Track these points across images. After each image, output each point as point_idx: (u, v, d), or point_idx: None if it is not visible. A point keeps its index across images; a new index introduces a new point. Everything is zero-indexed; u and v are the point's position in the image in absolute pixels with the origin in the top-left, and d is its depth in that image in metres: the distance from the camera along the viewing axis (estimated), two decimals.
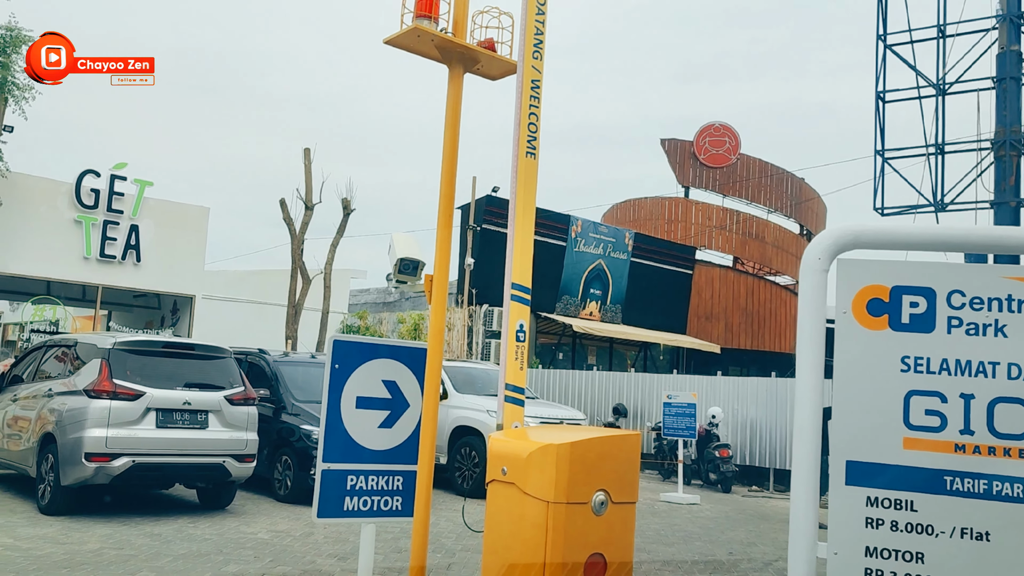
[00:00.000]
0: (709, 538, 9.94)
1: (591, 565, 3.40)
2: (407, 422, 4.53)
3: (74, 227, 14.63)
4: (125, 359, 9.25)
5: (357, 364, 4.39)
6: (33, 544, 7.34)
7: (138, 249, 15.23)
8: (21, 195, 14.02)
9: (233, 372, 10.00)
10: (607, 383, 18.42)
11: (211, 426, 9.41)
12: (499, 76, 4.59)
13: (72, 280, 14.90)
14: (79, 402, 8.93)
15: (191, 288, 16.04)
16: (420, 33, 4.11)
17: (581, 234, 23.68)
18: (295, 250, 17.67)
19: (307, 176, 17.83)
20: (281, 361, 12.23)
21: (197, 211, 16.28)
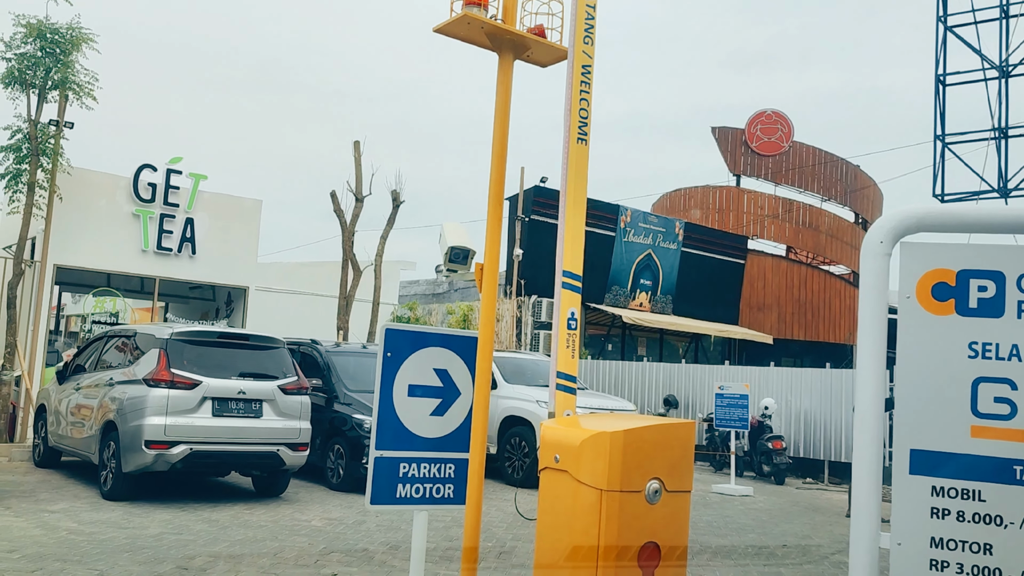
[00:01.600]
0: (763, 530, 9.82)
1: (645, 552, 3.37)
2: (458, 410, 4.54)
3: (132, 221, 14.95)
4: (182, 349, 9.46)
5: (409, 352, 4.41)
6: (97, 529, 7.55)
7: (193, 242, 15.51)
8: (82, 190, 14.37)
9: (287, 362, 10.16)
10: (658, 374, 18.29)
11: (265, 415, 9.57)
12: (549, 63, 4.55)
13: (131, 272, 15.24)
14: (139, 391, 9.15)
15: (244, 280, 16.29)
16: (470, 20, 4.09)
17: (630, 224, 23.50)
18: (346, 242, 17.84)
19: (357, 168, 17.98)
20: (333, 351, 12.38)
21: (250, 204, 16.52)
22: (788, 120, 29.88)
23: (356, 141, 18.06)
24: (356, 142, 18.05)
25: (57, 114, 13.66)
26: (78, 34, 13.27)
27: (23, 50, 13.00)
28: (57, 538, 7.07)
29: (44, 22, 13.04)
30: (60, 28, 13.15)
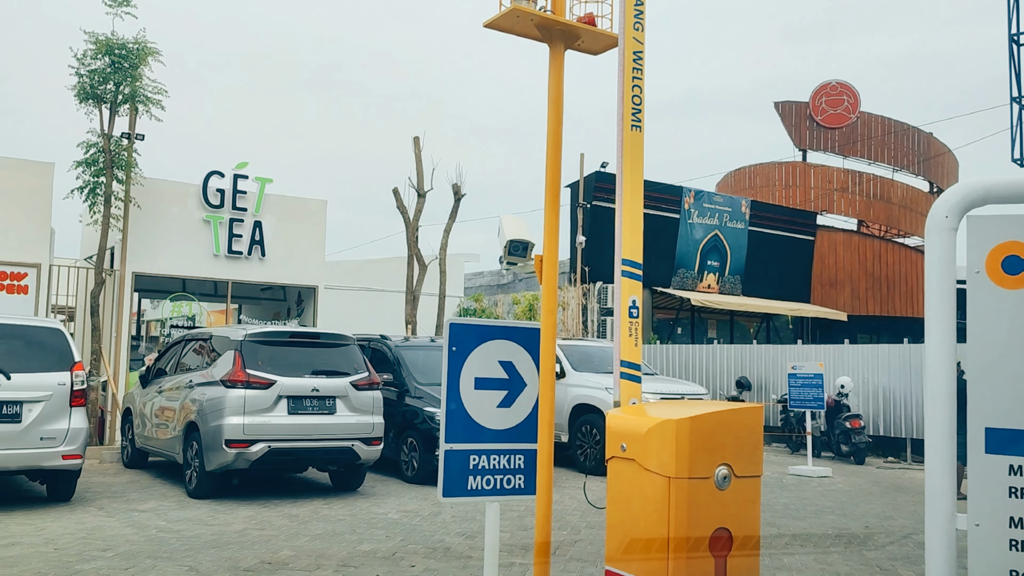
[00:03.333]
0: (843, 511, 9.63)
1: (716, 539, 3.35)
2: (525, 401, 4.57)
3: (203, 226, 15.38)
4: (256, 349, 9.71)
5: (474, 346, 4.46)
6: (184, 526, 7.84)
7: (262, 244, 15.89)
8: (155, 199, 14.85)
9: (357, 358, 10.34)
10: (729, 356, 18.05)
11: (339, 411, 9.77)
12: (601, 51, 4.53)
13: (204, 277, 15.69)
14: (217, 392, 9.44)
15: (313, 279, 16.62)
16: (519, 13, 4.10)
17: (694, 205, 23.20)
18: (410, 237, 18.06)
19: (418, 164, 18.16)
20: (402, 346, 12.55)
21: (315, 204, 16.83)
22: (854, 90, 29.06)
23: (415, 137, 18.25)
24: (415, 138, 18.23)
25: (128, 127, 14.14)
26: (144, 48, 13.68)
27: (94, 66, 13.47)
28: (147, 536, 7.36)
29: (112, 38, 13.49)
30: (127, 43, 13.59)
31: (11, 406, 8.35)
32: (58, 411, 8.61)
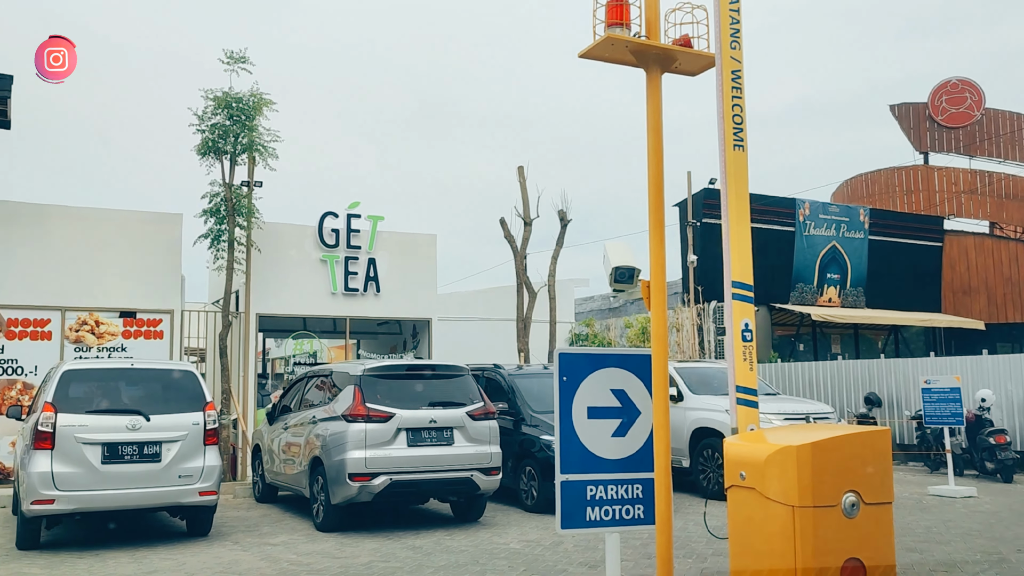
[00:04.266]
0: (991, 534, 9.00)
1: (848, 570, 3.19)
2: (640, 430, 4.50)
3: (320, 266, 15.93)
4: (375, 384, 9.94)
5: (584, 375, 4.43)
6: (313, 559, 8.06)
7: (377, 280, 16.32)
8: (274, 242, 15.51)
9: (472, 388, 10.45)
10: (855, 372, 17.28)
11: (457, 442, 9.87)
12: (699, 71, 4.46)
13: (323, 314, 16.24)
14: (339, 427, 9.70)
15: (427, 312, 16.95)
16: (614, 42, 4.08)
17: (810, 217, 22.45)
18: (518, 265, 18.20)
19: (523, 193, 18.34)
20: (516, 374, 12.60)
21: (426, 239, 17.19)
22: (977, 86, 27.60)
23: (519, 167, 18.43)
24: (519, 167, 18.42)
25: (247, 175, 14.86)
26: (259, 100, 14.39)
27: (214, 121, 14.25)
28: (279, 569, 7.60)
29: (229, 93, 14.25)
30: (243, 96, 14.32)
31: (151, 446, 8.82)
32: (194, 450, 9.04)
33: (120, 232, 14.38)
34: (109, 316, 14.12)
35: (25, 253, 13.67)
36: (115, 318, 14.16)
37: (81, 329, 13.87)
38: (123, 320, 14.21)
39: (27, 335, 13.56)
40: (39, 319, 13.65)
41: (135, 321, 14.29)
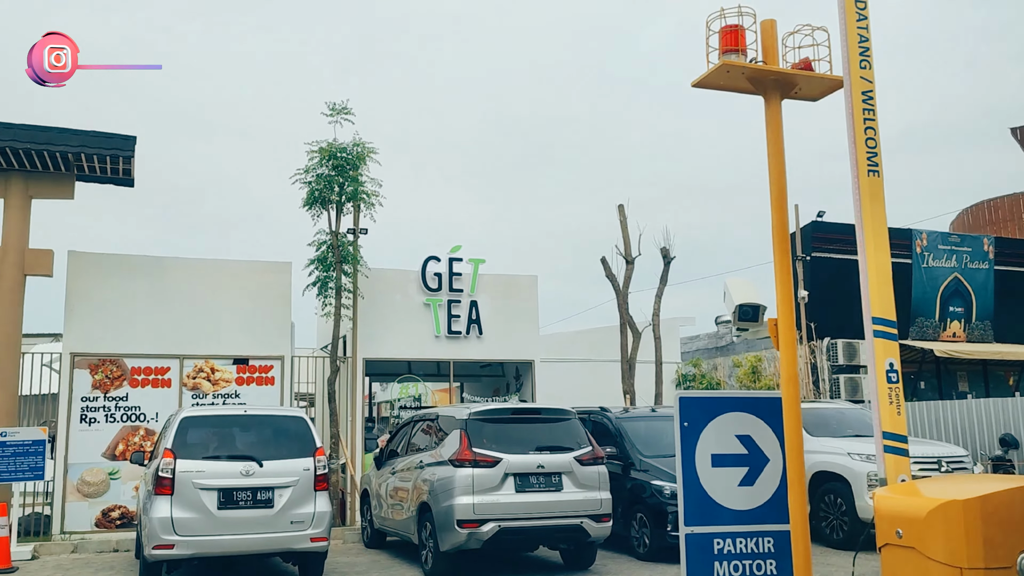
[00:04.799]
0: None
1: None
2: (769, 478, 4.21)
3: (424, 310, 16.05)
4: (481, 428, 9.82)
5: (707, 420, 4.18)
6: None
7: (479, 323, 16.33)
8: (379, 287, 15.74)
9: (579, 432, 10.21)
10: (987, 411, 16.15)
11: (565, 488, 9.62)
12: (820, 96, 4.21)
13: (428, 358, 16.32)
14: (446, 472, 9.61)
15: (529, 353, 16.82)
16: (729, 69, 3.90)
17: (928, 248, 21.38)
18: (621, 305, 17.90)
19: (624, 231, 18.11)
20: (623, 417, 12.29)
21: (527, 280, 17.13)
22: None
23: (620, 205, 18.25)
24: (620, 206, 18.23)
25: (352, 223, 15.18)
26: (362, 150, 14.73)
27: (319, 172, 14.64)
28: None
29: (333, 144, 14.63)
30: (346, 146, 14.69)
31: (264, 492, 8.92)
32: (305, 495, 9.09)
33: (233, 282, 14.86)
34: (224, 363, 14.54)
35: (146, 304, 14.26)
36: (229, 365, 14.57)
37: (198, 376, 14.32)
38: (236, 367, 14.60)
39: (148, 383, 14.08)
40: (159, 367, 14.17)
41: (248, 368, 14.67)
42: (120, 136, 13.47)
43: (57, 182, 13.76)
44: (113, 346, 13.97)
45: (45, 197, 13.73)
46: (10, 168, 13.40)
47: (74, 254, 14.14)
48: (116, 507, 13.47)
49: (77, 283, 13.99)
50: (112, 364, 13.94)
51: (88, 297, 13.98)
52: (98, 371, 13.85)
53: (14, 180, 13.44)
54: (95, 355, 13.89)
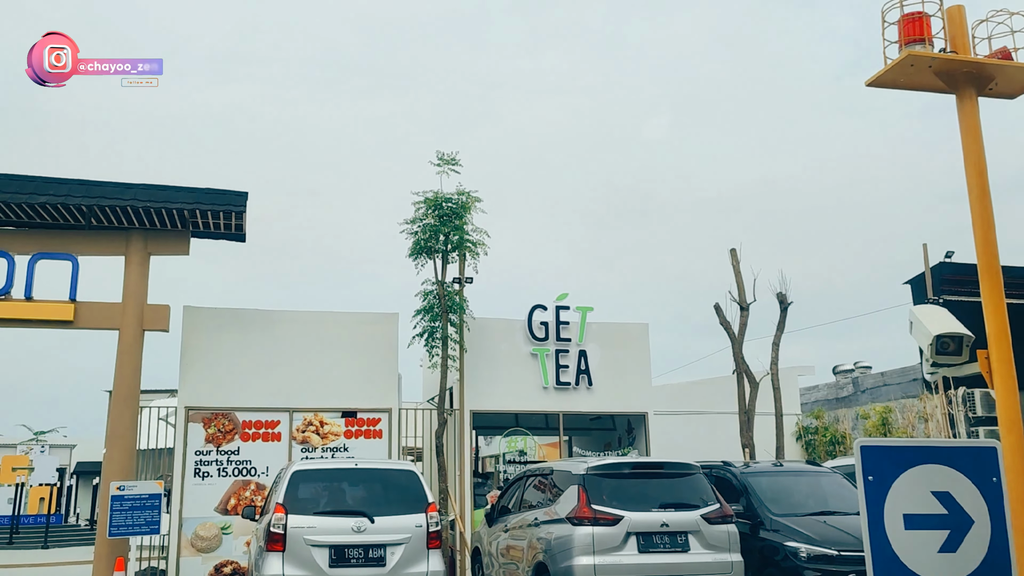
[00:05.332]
0: None
1: None
2: (975, 543, 3.55)
3: (531, 360, 15.65)
4: (600, 483, 9.25)
5: (896, 473, 3.57)
6: None
7: (589, 373, 15.80)
8: (485, 337, 15.44)
9: (705, 488, 9.51)
10: None
11: (692, 549, 8.92)
12: (1019, 92, 3.63)
13: (535, 410, 15.85)
14: (564, 530, 9.05)
15: (642, 405, 16.13)
16: (914, 61, 3.38)
17: None
18: (737, 354, 17.05)
19: (737, 276, 17.34)
20: (749, 472, 11.45)
21: (637, 328, 16.54)
22: None
23: (732, 249, 17.51)
24: (732, 250, 17.50)
25: (458, 272, 14.99)
26: (467, 199, 14.59)
27: (425, 222, 14.55)
28: None
29: (439, 194, 14.55)
30: (452, 196, 14.58)
31: (376, 549, 8.57)
32: (417, 553, 8.70)
33: (341, 334, 14.82)
34: (332, 416, 14.43)
35: (257, 358, 14.34)
36: (338, 418, 14.45)
37: (307, 430, 14.23)
38: (345, 420, 14.47)
39: (259, 436, 14.08)
40: (270, 420, 14.16)
41: (356, 420, 14.52)
42: (232, 192, 13.73)
43: (174, 238, 14.08)
44: (225, 400, 14.06)
45: (162, 253, 14.06)
46: (131, 227, 13.80)
47: (189, 309, 14.38)
48: (228, 562, 13.38)
49: (192, 338, 14.19)
50: (224, 418, 14.00)
51: (202, 351, 14.15)
52: (211, 425, 13.93)
53: (134, 238, 13.82)
54: (208, 409, 14.00)
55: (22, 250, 13.22)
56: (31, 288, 13.05)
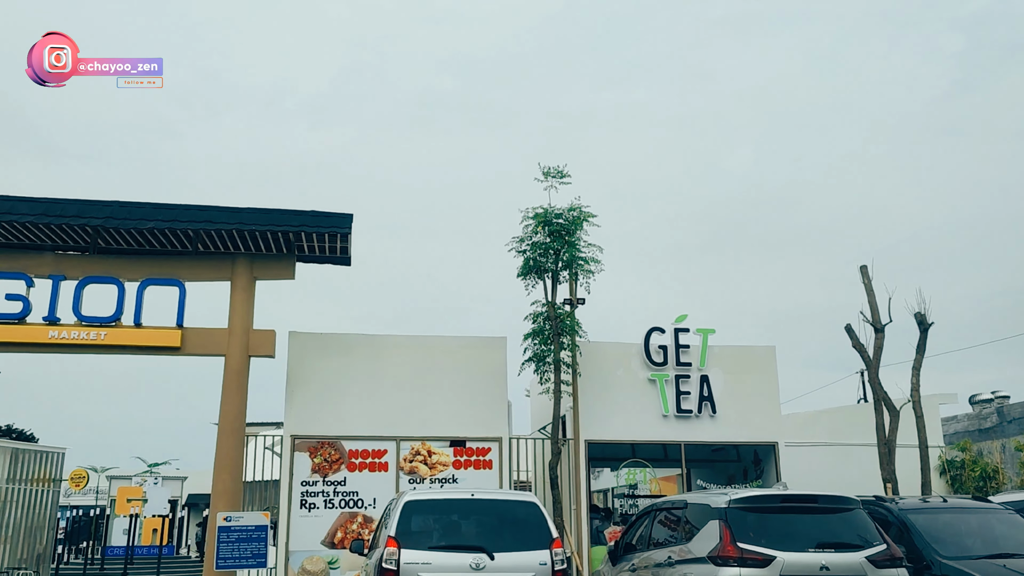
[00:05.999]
0: None
1: None
2: None
3: (649, 386, 14.68)
4: (745, 518, 8.20)
5: None
6: None
7: (712, 400, 14.69)
8: (598, 362, 14.56)
9: (868, 526, 8.34)
10: None
11: None
12: None
13: (654, 440, 14.84)
14: (705, 571, 8.03)
15: (770, 435, 14.88)
16: None
17: None
18: (873, 379, 15.60)
19: (870, 296, 15.92)
20: (908, 508, 10.13)
21: (764, 352, 15.34)
22: None
23: (863, 267, 16.13)
24: (863, 267, 16.11)
25: (569, 293, 14.18)
26: (579, 214, 13.81)
27: (535, 240, 13.84)
28: None
29: (549, 210, 13.82)
30: (562, 211, 13.83)
31: None
32: None
33: (448, 359, 14.19)
34: (440, 445, 13.77)
35: (362, 384, 13.84)
36: (446, 447, 13.77)
37: (414, 459, 13.60)
38: (453, 449, 13.78)
39: (366, 466, 13.52)
40: (376, 449, 13.59)
41: (464, 450, 13.81)
42: (338, 214, 13.38)
43: (279, 263, 13.80)
44: (331, 428, 13.58)
45: (268, 278, 13.78)
46: (236, 251, 13.58)
47: (295, 335, 14.02)
48: None
49: (297, 364, 13.81)
50: (330, 447, 13.51)
51: (307, 378, 13.74)
52: (317, 454, 13.45)
53: (240, 263, 13.59)
54: (314, 437, 13.53)
55: (131, 276, 13.14)
56: (140, 314, 12.92)
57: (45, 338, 12.56)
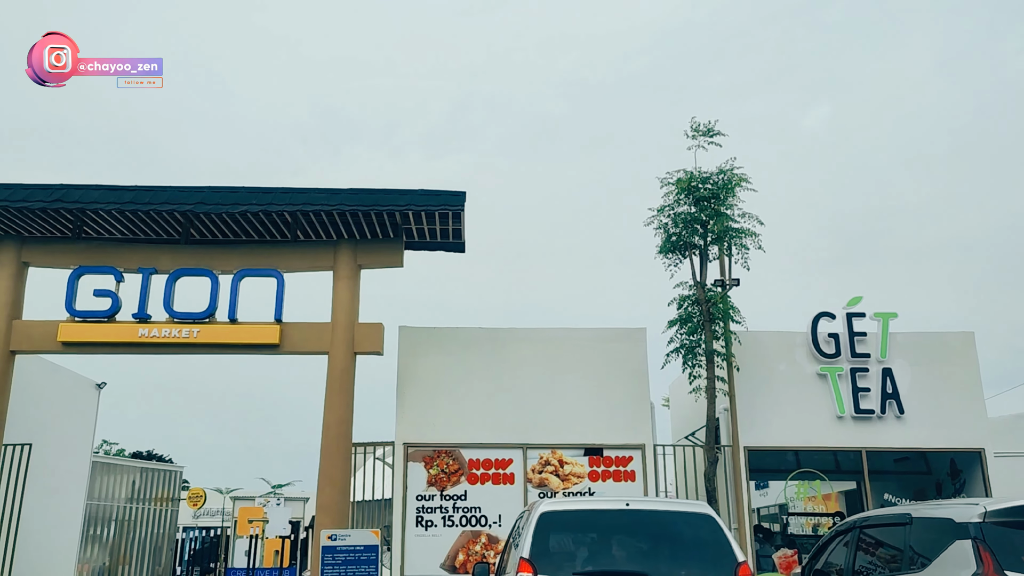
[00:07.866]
0: None
1: None
2: None
3: (818, 382, 12.31)
4: (1010, 538, 5.91)
5: None
6: None
7: (897, 398, 12.18)
8: (755, 355, 12.35)
9: None
10: None
11: None
12: None
13: (826, 446, 12.40)
14: None
15: (974, 440, 12.21)
16: None
17: None
18: None
19: None
20: None
21: (959, 338, 12.70)
22: None
23: None
24: None
25: (720, 273, 12.05)
26: (731, 177, 11.70)
27: (679, 210, 11.81)
28: None
29: (694, 173, 11.77)
30: (710, 175, 11.76)
31: None
32: None
33: (579, 354, 12.27)
34: (573, 454, 11.83)
35: (482, 385, 12.09)
36: (580, 456, 11.82)
37: (544, 470, 11.70)
38: (589, 458, 11.81)
39: (488, 478, 11.72)
40: (500, 459, 11.77)
41: (601, 459, 11.81)
42: (448, 192, 11.74)
43: (386, 249, 12.26)
44: (448, 435, 11.87)
45: (374, 266, 12.24)
46: (339, 238, 12.15)
47: (405, 329, 12.42)
48: None
49: (409, 362, 12.20)
50: (448, 456, 11.79)
51: (420, 378, 12.10)
52: (433, 464, 11.75)
53: (343, 249, 12.13)
54: (429, 446, 11.85)
55: (225, 268, 11.88)
56: (235, 309, 11.61)
57: (135, 337, 11.39)
